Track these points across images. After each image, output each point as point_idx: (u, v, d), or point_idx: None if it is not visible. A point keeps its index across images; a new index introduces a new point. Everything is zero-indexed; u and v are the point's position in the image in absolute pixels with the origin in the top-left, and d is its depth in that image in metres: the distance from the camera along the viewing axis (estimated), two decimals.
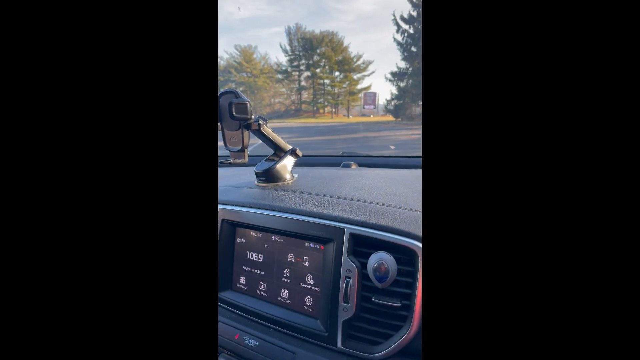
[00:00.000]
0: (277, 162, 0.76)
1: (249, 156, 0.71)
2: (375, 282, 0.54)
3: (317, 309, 0.60)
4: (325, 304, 0.58)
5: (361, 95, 25.92)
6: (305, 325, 0.59)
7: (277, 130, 0.75)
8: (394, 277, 0.53)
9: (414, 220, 0.56)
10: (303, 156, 1.24)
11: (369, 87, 26.52)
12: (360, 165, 1.07)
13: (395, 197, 0.65)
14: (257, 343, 0.61)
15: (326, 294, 0.58)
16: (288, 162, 0.78)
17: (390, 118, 22.30)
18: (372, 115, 24.66)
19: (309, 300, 0.61)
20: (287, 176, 0.78)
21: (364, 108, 25.36)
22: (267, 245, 0.65)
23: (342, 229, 0.58)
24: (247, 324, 0.64)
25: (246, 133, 0.69)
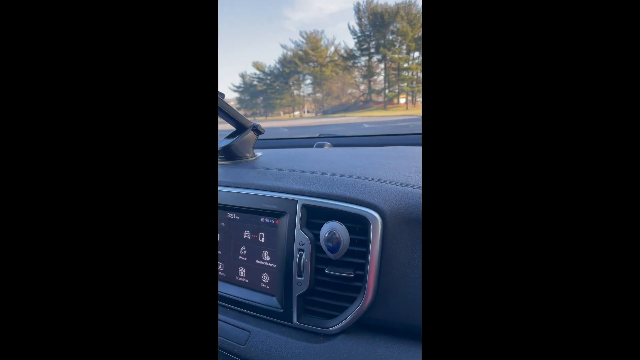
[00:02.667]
0: (237, 138, 0.73)
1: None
2: (328, 253, 0.51)
3: (274, 285, 0.57)
4: (280, 280, 0.56)
5: None
6: (262, 302, 0.57)
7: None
8: (346, 247, 0.51)
9: (369, 189, 0.53)
10: (276, 139, 1.21)
11: None
12: (335, 145, 1.04)
13: (354, 169, 0.62)
14: None
15: (281, 269, 0.56)
16: (249, 138, 0.75)
17: None
18: None
19: (265, 278, 0.58)
20: (248, 154, 0.76)
21: None
22: (223, 224, 0.63)
23: (295, 201, 0.55)
24: None
25: None
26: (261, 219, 0.59)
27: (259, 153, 0.80)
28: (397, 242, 0.50)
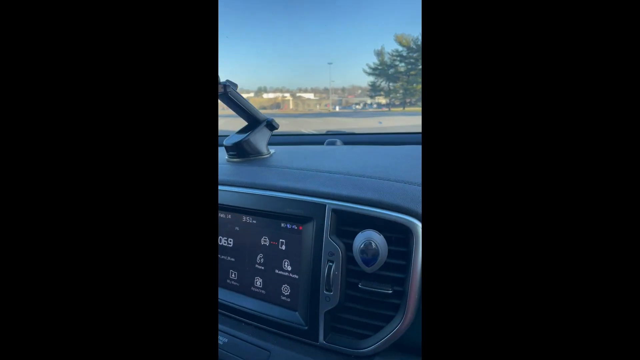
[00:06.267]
0: (250, 133, 0.67)
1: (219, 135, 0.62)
2: (362, 265, 0.46)
3: (296, 299, 0.51)
4: (304, 293, 0.50)
5: None
6: (281, 318, 0.51)
7: None
8: (384, 259, 0.45)
9: (407, 193, 0.48)
10: (282, 135, 1.14)
11: None
12: (346, 143, 0.99)
13: (384, 169, 0.56)
14: (226, 340, 0.53)
15: (306, 281, 0.50)
16: (263, 134, 0.69)
17: None
18: None
19: (286, 290, 0.52)
20: (263, 150, 0.69)
21: None
22: (237, 228, 0.56)
23: (324, 205, 0.49)
24: None
25: None
26: (282, 224, 0.53)
27: (272, 150, 0.73)
28: None
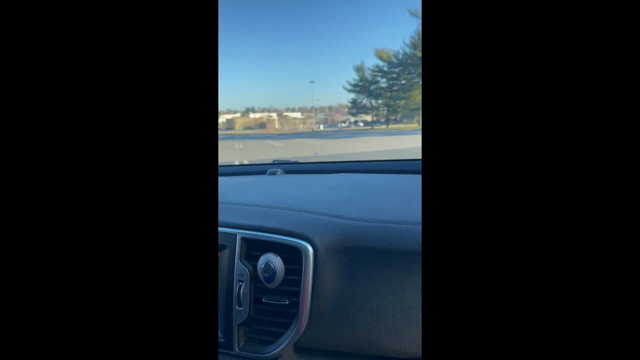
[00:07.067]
0: None
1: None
2: (265, 283, 0.55)
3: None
4: (221, 310, 0.59)
5: None
6: None
7: None
8: (281, 276, 0.55)
9: (301, 220, 0.58)
10: (230, 166, 1.25)
11: None
12: (288, 172, 1.09)
13: (292, 200, 0.67)
14: None
15: (222, 300, 0.59)
16: None
17: None
18: None
19: None
20: None
21: None
22: None
23: (235, 235, 0.59)
24: None
25: None
26: None
27: None
28: (328, 270, 0.55)
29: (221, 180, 0.88)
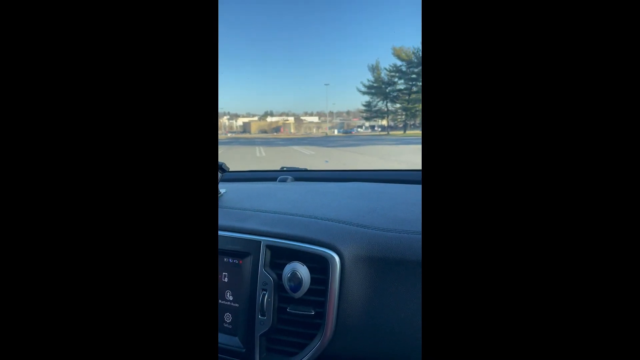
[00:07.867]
0: None
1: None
2: (290, 292, 0.53)
3: (236, 325, 0.58)
4: (243, 319, 0.57)
5: None
6: (224, 343, 0.58)
7: None
8: (307, 286, 0.53)
9: (327, 229, 0.56)
10: (239, 172, 1.23)
11: None
12: (298, 179, 1.07)
13: (315, 208, 0.65)
14: None
15: (244, 309, 0.57)
16: None
17: None
18: None
19: (228, 317, 0.59)
20: None
21: None
22: None
23: (259, 242, 0.57)
24: None
25: None
26: (225, 259, 0.60)
27: (222, 190, 0.82)
28: (355, 280, 0.52)
29: (234, 186, 0.87)
